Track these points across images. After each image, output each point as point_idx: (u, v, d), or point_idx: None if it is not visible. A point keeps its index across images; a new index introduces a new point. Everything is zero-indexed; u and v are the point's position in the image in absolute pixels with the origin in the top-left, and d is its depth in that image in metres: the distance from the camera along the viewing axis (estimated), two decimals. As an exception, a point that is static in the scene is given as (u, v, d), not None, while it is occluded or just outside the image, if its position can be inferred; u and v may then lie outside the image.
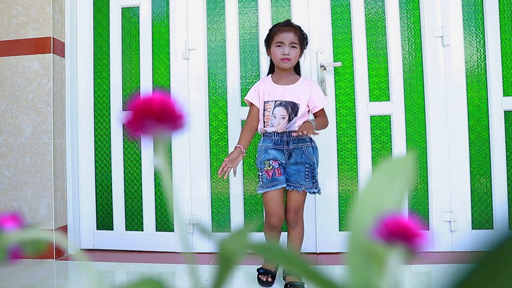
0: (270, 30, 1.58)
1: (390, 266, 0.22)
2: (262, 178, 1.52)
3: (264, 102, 1.55)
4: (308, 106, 1.56)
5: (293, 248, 1.53)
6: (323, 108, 1.58)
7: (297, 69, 1.63)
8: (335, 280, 0.21)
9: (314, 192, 1.52)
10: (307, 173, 1.49)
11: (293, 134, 1.43)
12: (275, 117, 1.51)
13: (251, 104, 1.61)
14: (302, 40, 1.55)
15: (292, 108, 1.51)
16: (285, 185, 1.50)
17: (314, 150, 1.55)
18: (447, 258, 1.87)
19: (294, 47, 1.51)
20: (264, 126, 1.56)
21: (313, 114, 1.59)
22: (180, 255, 2.04)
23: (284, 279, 1.59)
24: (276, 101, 1.52)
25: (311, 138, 1.56)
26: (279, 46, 1.52)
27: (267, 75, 1.66)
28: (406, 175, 0.27)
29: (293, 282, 1.49)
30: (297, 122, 1.51)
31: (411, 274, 1.65)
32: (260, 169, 1.53)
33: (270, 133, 1.53)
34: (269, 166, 1.50)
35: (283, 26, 1.54)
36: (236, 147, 1.53)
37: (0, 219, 0.27)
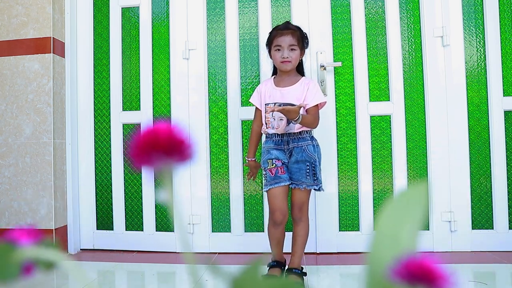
0: (270, 33, 1.60)
1: None
2: (266, 177, 1.56)
3: (265, 104, 1.58)
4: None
5: (297, 243, 1.55)
6: (316, 107, 1.56)
7: (300, 69, 1.63)
8: None
9: (316, 189, 1.54)
10: (308, 171, 1.51)
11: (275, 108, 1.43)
12: (274, 119, 1.53)
13: (256, 107, 1.66)
14: (302, 40, 1.55)
15: None
16: (289, 182, 1.53)
17: (316, 148, 1.55)
18: (447, 258, 1.87)
19: (293, 49, 1.53)
20: (266, 128, 1.58)
21: (306, 110, 1.56)
22: (180, 255, 2.04)
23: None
24: (275, 103, 1.53)
25: (312, 136, 1.57)
26: (278, 49, 1.53)
27: (272, 75, 1.67)
28: (419, 206, 0.26)
29: (292, 268, 1.55)
30: (297, 125, 1.50)
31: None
32: (264, 168, 1.58)
33: (271, 134, 1.57)
34: (272, 165, 1.54)
35: (281, 29, 1.55)
36: (249, 161, 1.69)
37: (15, 234, 0.27)
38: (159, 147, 0.24)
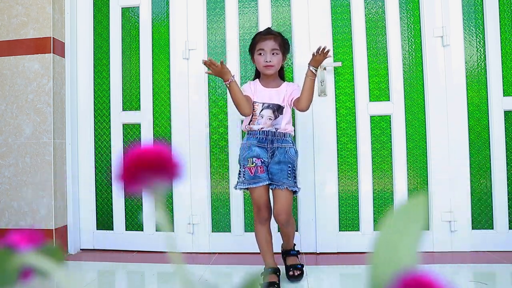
0: (253, 39, 1.62)
1: None
2: (244, 175, 1.55)
3: (253, 102, 1.58)
4: (289, 104, 1.58)
5: (287, 236, 1.64)
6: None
7: (281, 74, 1.65)
8: None
9: (295, 191, 1.53)
10: (289, 172, 1.52)
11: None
12: (262, 117, 1.55)
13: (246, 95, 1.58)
14: (283, 45, 1.58)
15: (277, 110, 1.56)
16: (268, 182, 1.53)
17: (296, 153, 1.58)
18: (447, 258, 1.87)
19: (275, 53, 1.55)
20: (249, 124, 1.58)
21: (295, 100, 1.55)
22: (181, 255, 2.04)
23: (284, 261, 1.68)
24: (263, 103, 1.56)
25: (293, 141, 1.60)
26: (260, 54, 1.56)
27: (254, 79, 1.66)
28: (419, 219, 0.26)
29: (294, 264, 1.61)
30: (283, 119, 1.55)
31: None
32: (243, 166, 1.56)
33: (255, 130, 1.56)
34: (252, 164, 1.53)
35: (264, 34, 1.58)
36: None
37: (14, 237, 0.26)
38: (147, 168, 0.24)
